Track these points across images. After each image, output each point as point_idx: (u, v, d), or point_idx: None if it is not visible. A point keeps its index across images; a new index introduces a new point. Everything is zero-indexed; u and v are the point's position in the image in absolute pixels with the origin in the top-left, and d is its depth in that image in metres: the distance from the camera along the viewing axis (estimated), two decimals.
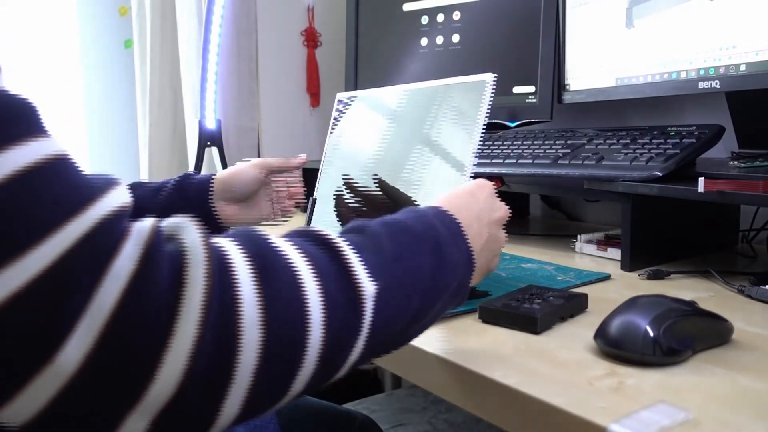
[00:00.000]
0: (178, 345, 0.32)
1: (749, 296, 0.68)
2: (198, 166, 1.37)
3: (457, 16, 1.24)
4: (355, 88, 1.43)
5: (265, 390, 0.36)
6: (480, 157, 1.02)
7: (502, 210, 0.59)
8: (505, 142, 1.05)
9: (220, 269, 0.34)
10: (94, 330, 0.30)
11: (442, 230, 0.49)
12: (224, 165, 1.39)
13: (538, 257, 0.88)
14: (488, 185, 0.60)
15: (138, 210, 0.36)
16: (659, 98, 0.98)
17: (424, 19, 1.29)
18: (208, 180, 0.87)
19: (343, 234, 0.45)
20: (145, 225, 0.34)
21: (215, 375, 0.33)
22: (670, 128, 0.90)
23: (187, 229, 0.36)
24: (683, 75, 0.88)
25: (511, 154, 0.98)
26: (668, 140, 0.85)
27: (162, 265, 0.33)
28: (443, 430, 1.39)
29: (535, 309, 0.59)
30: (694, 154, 0.82)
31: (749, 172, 0.76)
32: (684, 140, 0.84)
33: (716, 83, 0.83)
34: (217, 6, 1.42)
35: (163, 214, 0.40)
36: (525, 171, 0.93)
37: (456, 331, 0.60)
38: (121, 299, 0.31)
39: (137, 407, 0.32)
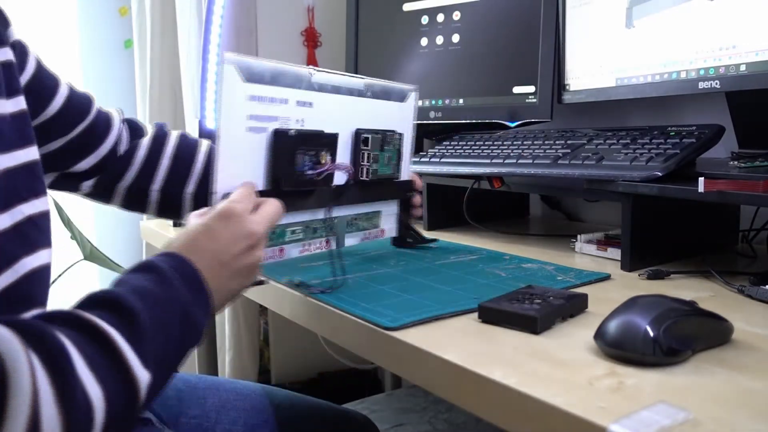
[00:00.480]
0: None
1: (749, 296, 0.68)
2: None
3: (457, 16, 1.24)
4: None
5: None
6: (480, 157, 1.02)
7: (245, 238, 0.59)
8: (505, 142, 1.05)
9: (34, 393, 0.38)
10: None
11: (184, 293, 0.52)
12: None
13: (538, 257, 0.88)
14: (231, 215, 0.59)
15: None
16: (659, 98, 0.98)
17: (424, 19, 1.29)
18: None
19: (104, 314, 0.46)
20: None
21: None
22: (670, 128, 0.90)
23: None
24: (683, 75, 0.88)
25: (511, 154, 0.98)
26: (668, 140, 0.85)
27: None
28: (443, 430, 1.39)
29: (535, 309, 0.59)
30: (694, 154, 0.82)
31: (749, 172, 0.76)
32: (684, 140, 0.84)
33: (716, 83, 0.83)
34: (217, 6, 1.42)
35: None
36: (525, 171, 0.93)
37: (456, 331, 0.60)
38: None
39: None
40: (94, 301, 0.47)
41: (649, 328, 0.50)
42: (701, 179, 0.69)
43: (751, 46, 0.79)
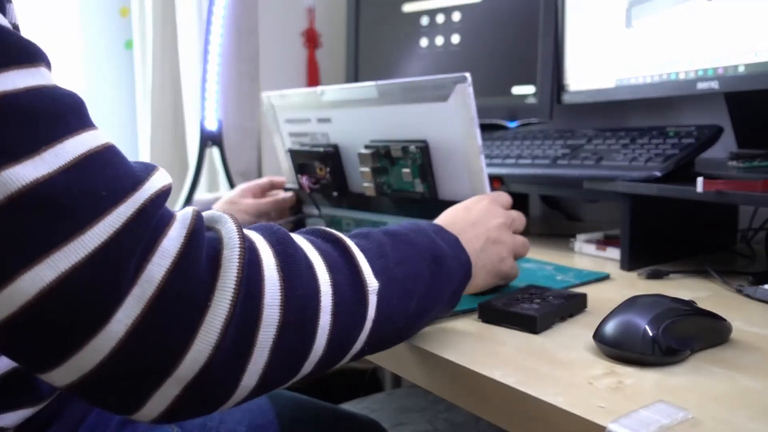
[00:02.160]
0: (213, 319, 0.35)
1: (748, 296, 0.69)
2: (198, 166, 1.37)
3: (456, 16, 1.24)
4: None
5: (280, 366, 0.39)
6: None
7: (501, 216, 0.64)
8: (504, 142, 1.05)
9: (250, 254, 0.38)
10: (143, 300, 0.34)
11: (441, 244, 0.54)
12: (225, 165, 1.39)
13: (538, 257, 0.89)
14: (485, 198, 0.66)
15: None
16: (658, 99, 0.98)
17: (424, 20, 1.29)
18: None
19: (350, 237, 0.49)
20: (188, 212, 0.38)
21: (239, 348, 0.37)
22: (669, 129, 0.90)
23: (223, 219, 0.40)
24: (682, 75, 0.89)
25: (511, 154, 0.98)
26: (667, 140, 0.85)
27: (203, 248, 0.37)
28: (443, 430, 1.39)
29: (534, 309, 0.60)
30: (693, 155, 0.83)
31: (748, 172, 0.76)
32: (683, 140, 0.84)
33: (715, 84, 0.84)
34: (218, 7, 1.42)
35: None
36: (525, 171, 0.93)
37: (456, 331, 0.61)
38: (168, 274, 0.35)
39: (173, 374, 0.35)
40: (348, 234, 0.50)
41: (648, 328, 0.50)
42: (700, 179, 0.69)
43: (750, 46, 0.80)
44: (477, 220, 0.61)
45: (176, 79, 1.80)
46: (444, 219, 0.61)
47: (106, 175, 0.35)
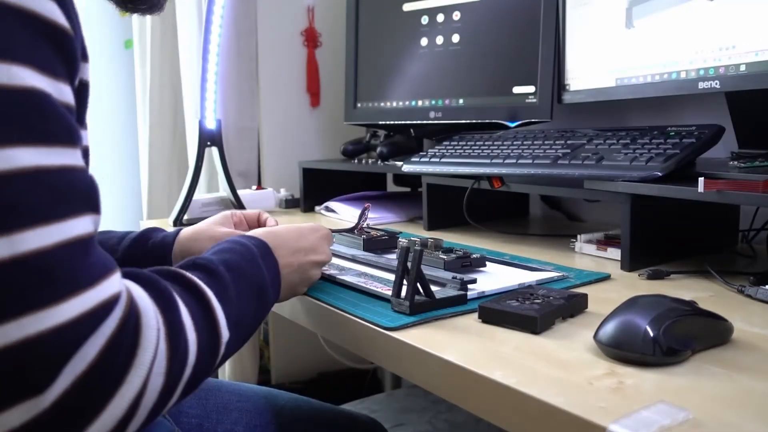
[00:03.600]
0: (124, 394, 0.41)
1: (749, 296, 0.68)
2: (198, 166, 1.37)
3: (457, 16, 1.24)
4: (355, 88, 1.43)
5: (150, 418, 0.45)
6: (480, 157, 1.02)
7: (324, 255, 0.73)
8: (505, 142, 1.05)
9: (148, 334, 0.44)
10: (73, 375, 0.39)
11: (265, 274, 0.62)
12: (224, 165, 1.38)
13: (538, 257, 0.88)
14: (322, 232, 0.75)
15: None
16: (659, 98, 0.98)
17: (424, 19, 1.29)
18: (171, 241, 0.83)
19: (201, 275, 0.54)
20: (126, 300, 0.43)
21: (136, 408, 0.42)
22: (669, 128, 0.90)
23: (135, 291, 0.45)
24: (683, 75, 0.88)
25: (511, 154, 0.98)
26: (668, 140, 0.85)
27: (124, 340, 0.42)
28: (443, 430, 1.39)
29: (535, 309, 0.60)
30: (694, 154, 0.82)
31: (749, 172, 0.76)
32: (684, 140, 0.84)
33: (716, 83, 0.84)
34: (217, 6, 1.42)
35: (121, 262, 0.50)
36: (525, 171, 0.93)
37: (456, 331, 0.60)
38: (97, 356, 0.40)
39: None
40: (193, 265, 0.56)
41: (648, 328, 0.50)
42: (701, 179, 0.69)
43: (751, 46, 0.79)
44: (298, 252, 0.70)
45: (175, 79, 1.80)
46: (274, 236, 0.68)
47: (78, 264, 0.41)
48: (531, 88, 1.13)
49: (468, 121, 1.22)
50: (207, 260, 0.57)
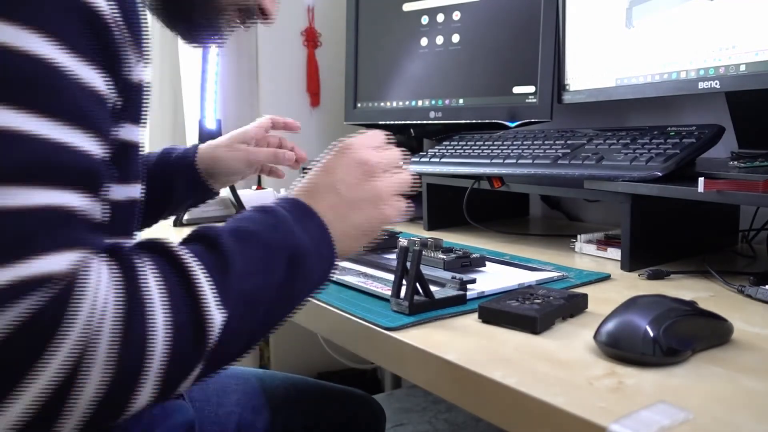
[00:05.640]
0: (38, 381, 0.37)
1: (749, 296, 0.68)
2: None
3: (457, 16, 1.24)
4: (355, 88, 1.43)
5: (104, 413, 0.40)
6: (480, 157, 1.02)
7: (362, 166, 0.57)
8: (505, 142, 1.05)
9: (94, 311, 0.39)
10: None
11: (300, 237, 0.51)
12: None
13: (538, 257, 0.88)
14: (346, 149, 0.58)
15: None
16: (659, 98, 0.98)
17: (424, 19, 1.29)
18: (193, 154, 0.91)
19: (195, 247, 0.46)
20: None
21: (61, 401, 0.38)
22: (669, 128, 0.90)
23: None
24: (683, 75, 0.88)
25: (511, 154, 0.98)
26: (668, 140, 0.85)
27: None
28: (443, 430, 1.39)
29: (535, 309, 0.59)
30: (694, 154, 0.82)
31: (749, 172, 0.76)
32: (684, 140, 0.84)
33: (716, 83, 0.83)
34: None
35: (150, 182, 0.46)
36: (525, 171, 0.93)
37: (456, 331, 0.60)
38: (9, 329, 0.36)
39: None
40: (195, 235, 0.48)
41: (648, 328, 0.50)
42: (701, 179, 0.69)
43: (751, 46, 0.79)
44: (337, 184, 0.56)
45: (175, 79, 1.79)
46: (303, 189, 0.56)
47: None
48: (531, 88, 1.13)
49: (468, 121, 1.22)
50: (210, 229, 0.49)
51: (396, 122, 1.35)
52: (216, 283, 0.44)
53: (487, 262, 0.82)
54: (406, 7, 1.33)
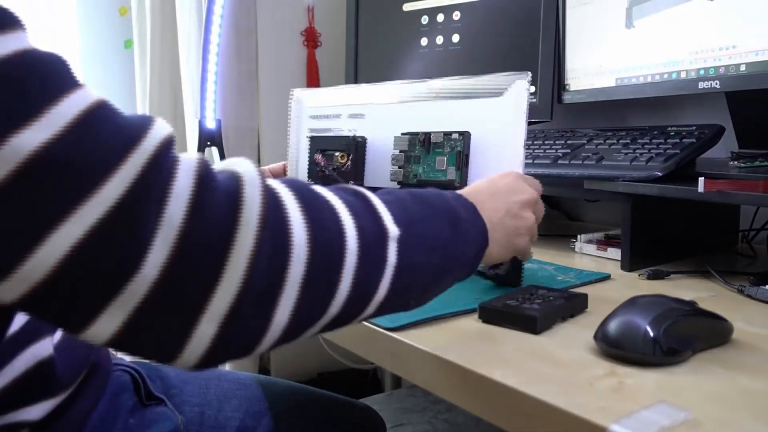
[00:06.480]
0: (239, 254, 0.36)
1: (749, 296, 0.68)
2: None
3: (457, 16, 1.24)
4: None
5: (310, 303, 0.40)
6: None
7: (527, 193, 0.62)
8: None
9: (271, 194, 0.39)
10: (168, 242, 0.35)
11: (459, 209, 0.53)
12: None
13: (538, 257, 0.88)
14: (513, 173, 0.65)
15: None
16: (659, 98, 0.98)
17: (424, 19, 1.29)
18: None
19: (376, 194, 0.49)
20: (190, 155, 0.38)
21: (269, 283, 0.37)
22: (670, 128, 0.90)
23: (239, 162, 0.40)
24: (683, 75, 0.88)
25: None
26: (668, 140, 0.85)
27: (214, 186, 0.37)
28: (443, 430, 1.39)
29: (535, 309, 0.59)
30: (694, 154, 0.82)
31: (749, 172, 0.76)
32: (684, 140, 0.84)
33: (716, 83, 0.83)
34: (217, 6, 1.42)
35: None
36: (525, 171, 0.93)
37: (456, 331, 0.60)
38: (187, 214, 0.35)
39: (207, 310, 0.36)
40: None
41: (649, 328, 0.50)
42: (701, 179, 0.69)
43: (751, 46, 0.79)
44: (498, 192, 0.60)
45: (175, 79, 1.79)
46: (465, 189, 0.60)
47: (109, 129, 0.35)
48: (531, 88, 1.13)
49: None
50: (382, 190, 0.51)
51: None
52: (389, 209, 0.46)
53: None
54: (406, 7, 1.33)
